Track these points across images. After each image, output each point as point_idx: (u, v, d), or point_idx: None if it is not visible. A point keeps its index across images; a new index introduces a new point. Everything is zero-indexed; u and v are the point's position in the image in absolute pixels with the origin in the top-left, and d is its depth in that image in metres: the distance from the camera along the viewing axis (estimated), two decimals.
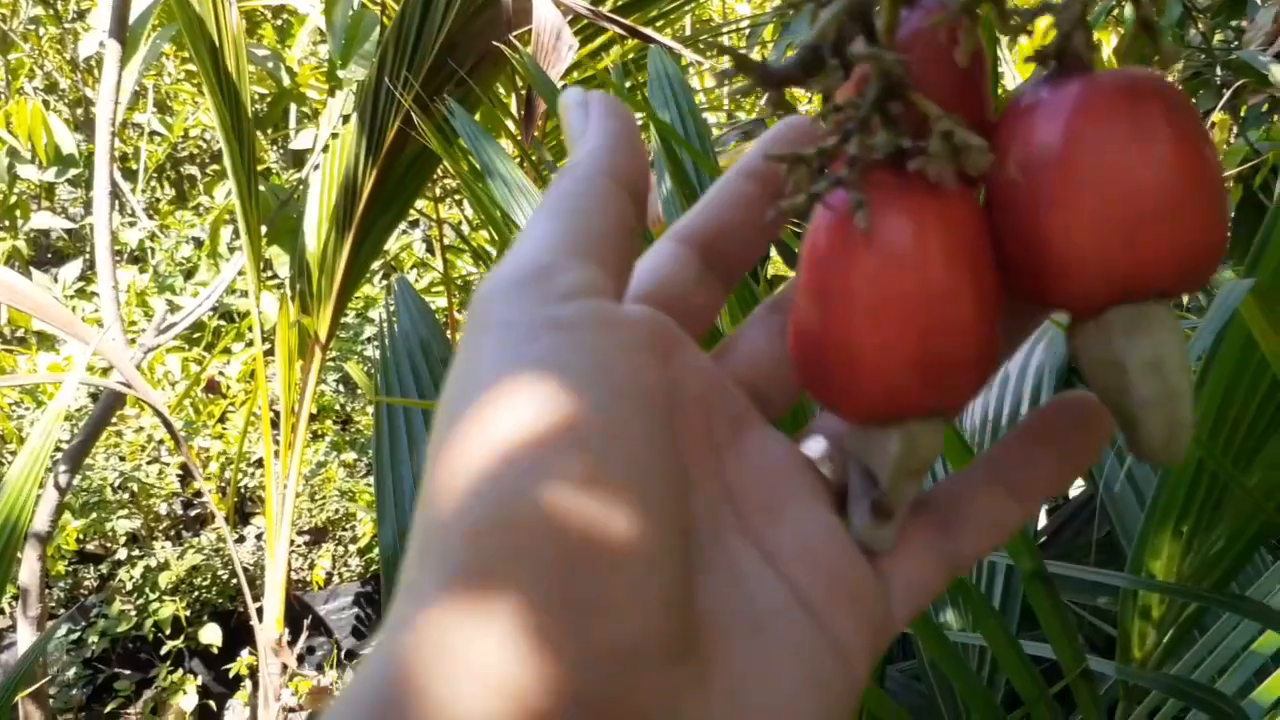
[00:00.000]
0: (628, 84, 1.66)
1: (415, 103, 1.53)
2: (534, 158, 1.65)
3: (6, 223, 3.63)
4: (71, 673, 2.03)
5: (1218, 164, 0.20)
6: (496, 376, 0.19)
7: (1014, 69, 2.12)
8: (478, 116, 1.72)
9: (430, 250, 3.15)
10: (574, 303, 0.20)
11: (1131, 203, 0.19)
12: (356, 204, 1.66)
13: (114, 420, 2.40)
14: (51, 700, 1.93)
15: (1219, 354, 0.43)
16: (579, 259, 0.21)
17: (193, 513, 2.54)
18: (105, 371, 1.78)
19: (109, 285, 1.81)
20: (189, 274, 3.38)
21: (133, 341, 1.86)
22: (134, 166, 4.07)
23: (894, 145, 0.20)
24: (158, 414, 1.79)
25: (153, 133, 4.12)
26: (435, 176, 1.84)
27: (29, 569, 1.75)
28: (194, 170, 4.40)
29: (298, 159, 3.50)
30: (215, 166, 4.27)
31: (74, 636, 2.06)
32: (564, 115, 0.25)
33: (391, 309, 0.75)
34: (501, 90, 1.82)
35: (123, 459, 2.37)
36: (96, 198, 1.82)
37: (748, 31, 2.43)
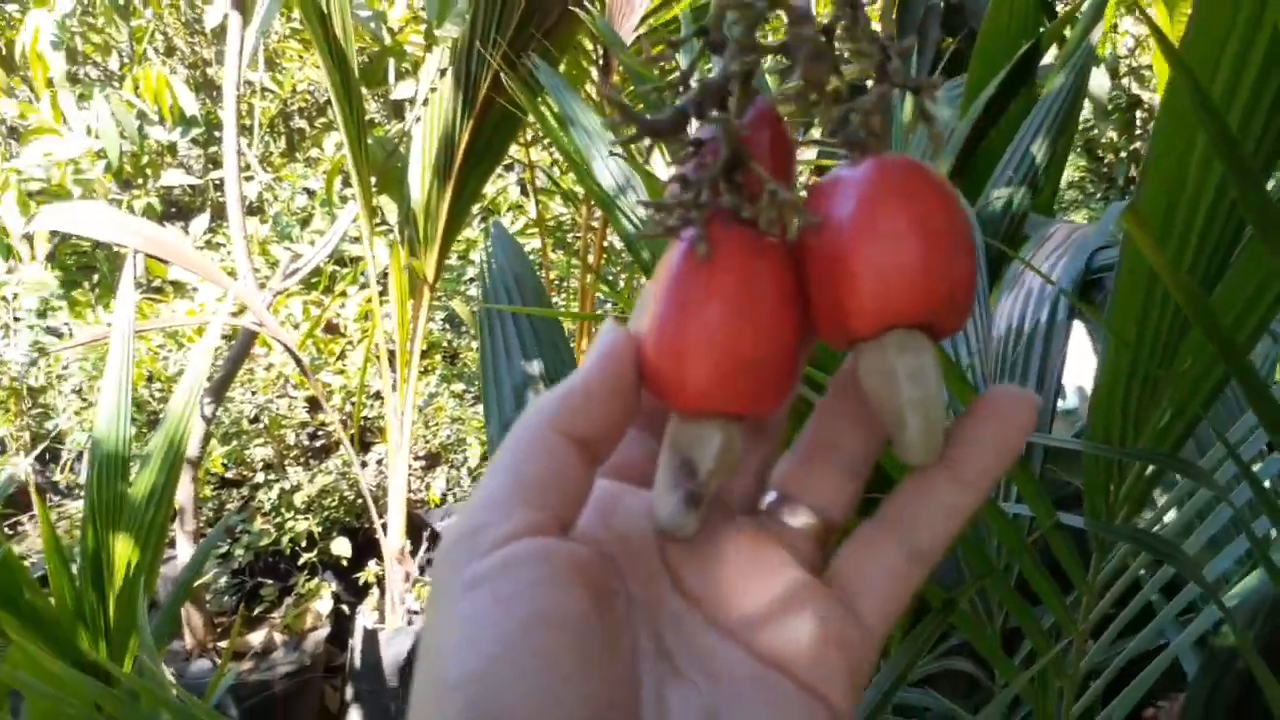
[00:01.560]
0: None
1: (504, 59, 1.66)
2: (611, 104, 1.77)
3: (140, 180, 3.90)
4: (223, 582, 2.29)
5: (967, 228, 0.27)
6: (433, 639, 0.24)
7: None
8: (562, 68, 1.84)
9: (525, 193, 3.30)
10: (495, 554, 0.24)
11: (894, 261, 0.26)
12: (455, 155, 1.81)
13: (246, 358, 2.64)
14: (208, 604, 2.18)
15: (1127, 266, 0.54)
16: (514, 508, 0.25)
17: (318, 443, 2.78)
18: (238, 314, 1.98)
19: (240, 235, 2.01)
20: (304, 223, 3.61)
21: (262, 286, 2.06)
22: (247, 122, 4.32)
23: (733, 201, 0.27)
24: (288, 350, 1.99)
25: (264, 89, 4.34)
26: (528, 122, 1.98)
27: (184, 491, 1.99)
28: (303, 123, 4.64)
29: (397, 109, 3.67)
30: (323, 119, 4.49)
31: (222, 551, 2.31)
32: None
33: (489, 250, 0.89)
34: (588, 43, 1.93)
35: (254, 394, 2.61)
36: (226, 154, 2.01)
37: None
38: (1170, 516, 0.76)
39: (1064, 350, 0.90)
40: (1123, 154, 3.20)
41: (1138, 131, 3.16)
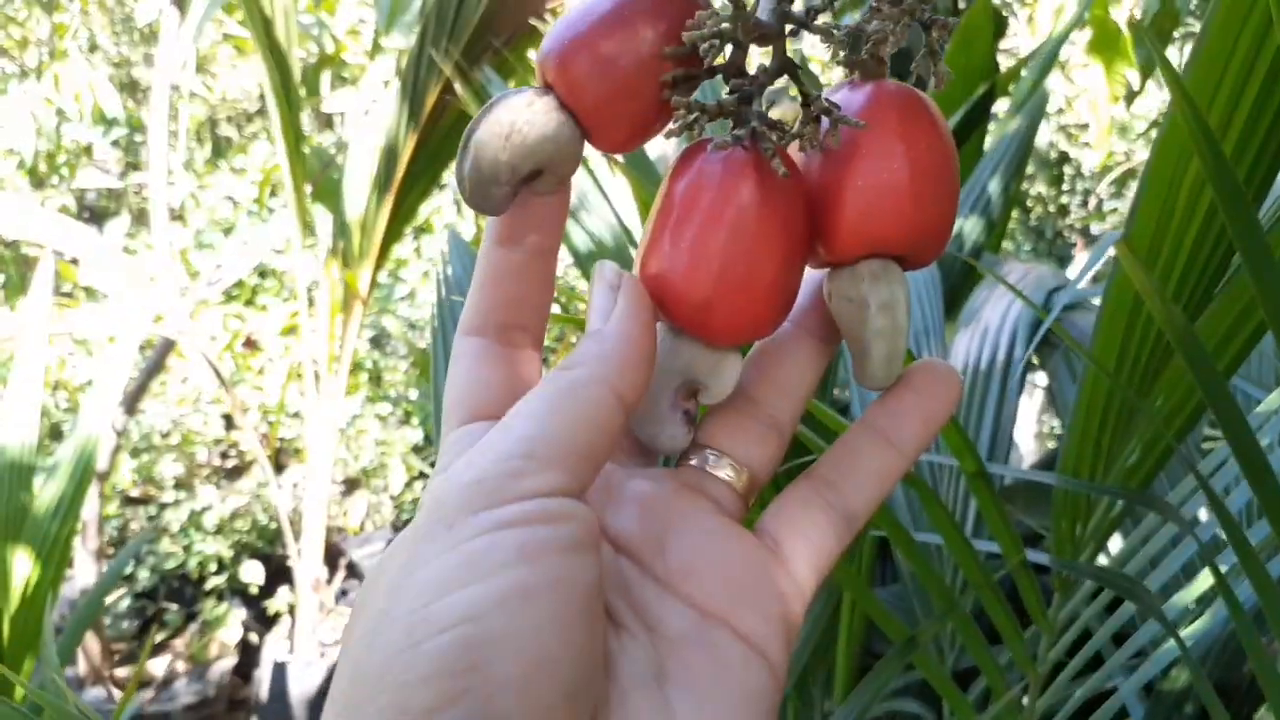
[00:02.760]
0: None
1: (454, 71, 1.63)
2: None
3: (55, 180, 3.75)
4: (124, 605, 2.18)
5: (954, 163, 0.27)
6: (407, 577, 0.22)
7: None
8: (512, 84, 1.81)
9: (460, 212, 3.26)
10: (525, 504, 0.22)
11: (882, 184, 0.26)
12: (396, 168, 1.76)
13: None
14: (106, 629, 2.07)
15: (1114, 296, 0.53)
16: (553, 463, 0.23)
17: (230, 462, 2.67)
18: (156, 322, 1.90)
19: (164, 240, 1.93)
20: (227, 232, 3.50)
21: (182, 294, 1.98)
22: (173, 127, 4.19)
23: (761, 120, 0.26)
24: (208, 362, 1.91)
25: (192, 94, 4.22)
26: None
27: (88, 506, 1.89)
28: (231, 131, 4.52)
29: (327, 121, 3.61)
30: (250, 128, 4.39)
31: (125, 572, 2.19)
32: (593, 285, 0.27)
33: (444, 259, 0.86)
34: (532, 56, 1.91)
35: (166, 407, 2.50)
36: (152, 157, 1.93)
37: None
38: (1119, 549, 0.76)
39: (1019, 389, 0.89)
40: (1050, 207, 3.30)
41: (1064, 187, 3.25)
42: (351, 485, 2.57)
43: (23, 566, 1.34)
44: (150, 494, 2.43)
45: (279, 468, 2.60)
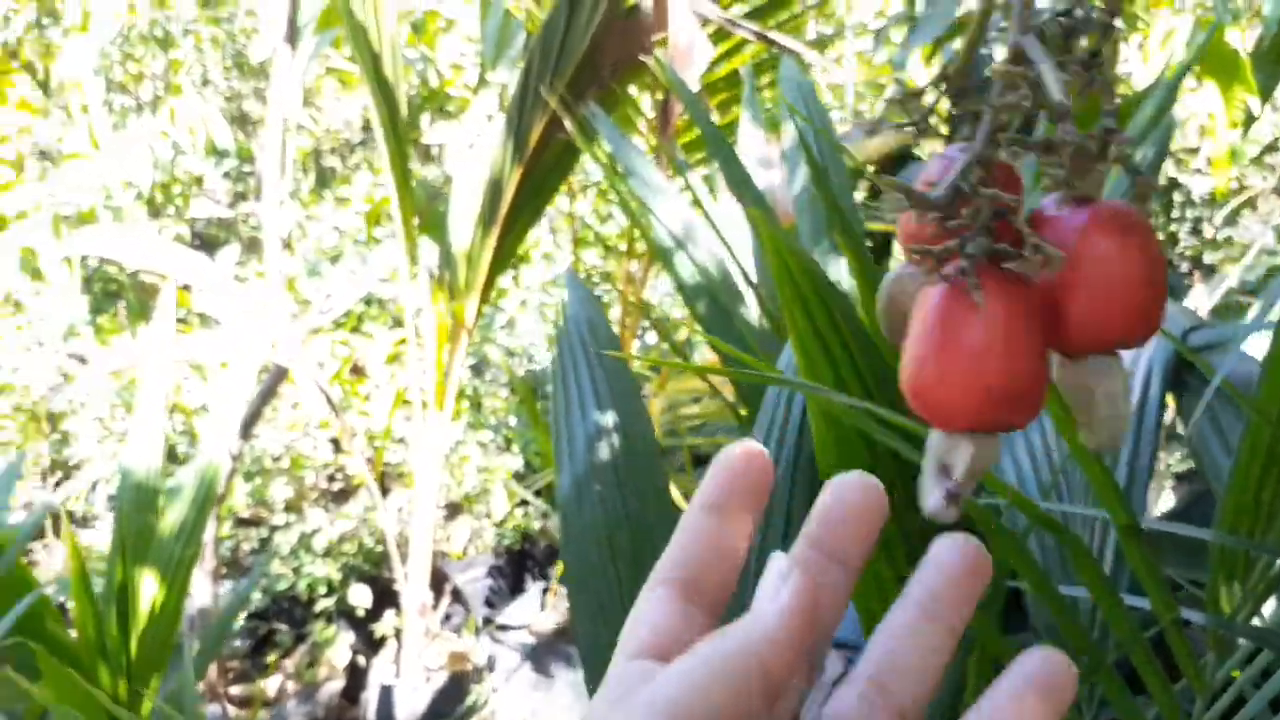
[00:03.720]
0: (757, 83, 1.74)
1: (560, 105, 1.65)
2: (667, 156, 1.76)
3: (170, 210, 3.91)
4: (237, 625, 2.24)
5: (1163, 270, 0.32)
6: None
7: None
8: (612, 119, 1.83)
9: (555, 243, 3.30)
10: None
11: (1108, 294, 0.31)
12: (501, 201, 1.79)
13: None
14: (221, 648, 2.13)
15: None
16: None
17: (336, 485, 2.74)
18: (271, 349, 1.96)
19: (276, 268, 1.99)
20: (333, 260, 3.60)
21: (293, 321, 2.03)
22: (281, 158, 4.34)
23: (993, 250, 0.31)
24: (319, 389, 1.96)
25: (299, 126, 4.36)
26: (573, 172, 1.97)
27: (207, 527, 1.95)
28: (335, 162, 4.66)
29: (426, 153, 3.69)
30: (353, 158, 4.51)
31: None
32: (766, 577, 0.29)
33: (561, 296, 0.87)
34: (632, 89, 1.93)
35: (278, 432, 2.58)
36: (265, 187, 2.00)
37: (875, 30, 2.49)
38: (1271, 610, 0.72)
39: (1157, 431, 0.86)
40: (1160, 235, 3.19)
41: (1173, 214, 3.14)
42: (454, 510, 2.61)
43: (149, 587, 1.39)
44: (261, 516, 2.50)
45: (384, 492, 2.66)
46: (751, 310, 1.15)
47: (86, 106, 3.91)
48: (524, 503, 2.58)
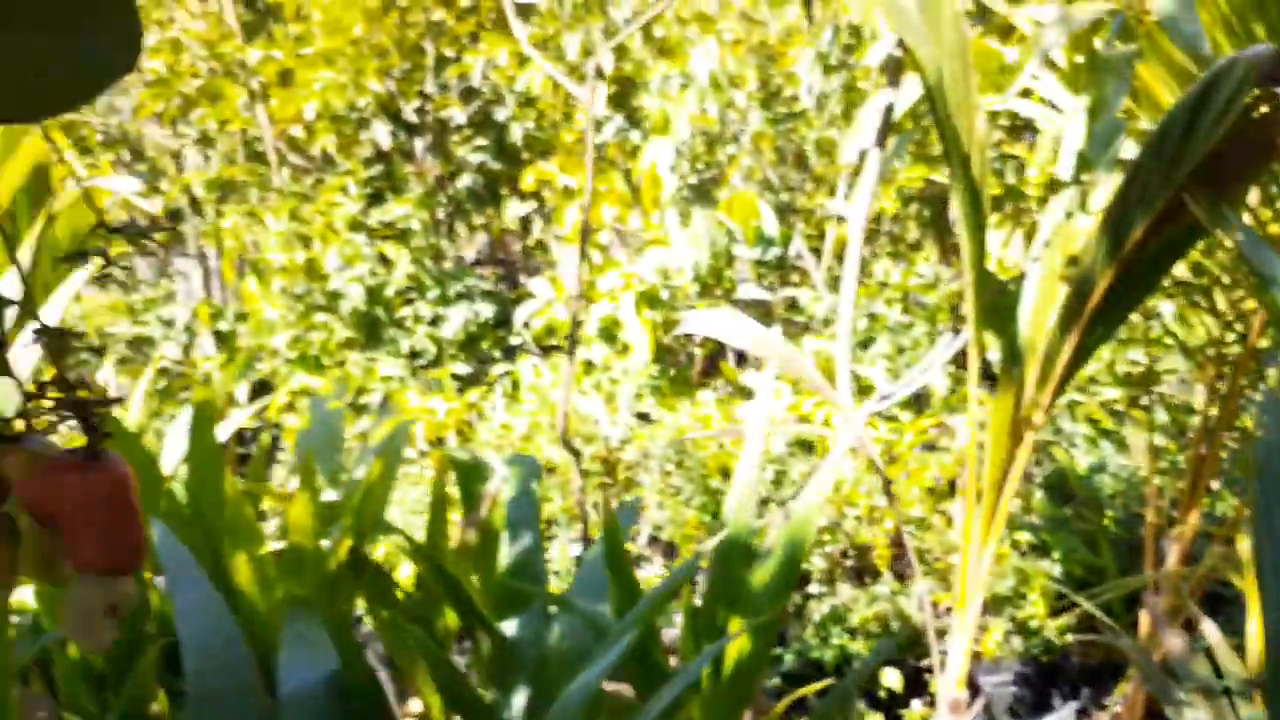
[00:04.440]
0: None
1: (1166, 206, 1.59)
2: None
3: (717, 291, 4.31)
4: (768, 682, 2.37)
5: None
6: None
7: None
8: (1247, 217, 1.72)
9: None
10: None
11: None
12: (1088, 298, 1.75)
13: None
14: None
15: None
16: None
17: (848, 562, 2.80)
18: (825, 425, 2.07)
19: (845, 351, 2.12)
20: (863, 345, 3.73)
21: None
22: (817, 246, 4.62)
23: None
24: (876, 468, 2.03)
25: (839, 218, 4.60)
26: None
27: None
28: (865, 251, 4.84)
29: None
30: (889, 248, 4.65)
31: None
32: None
33: (1260, 420, 0.83)
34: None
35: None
36: (845, 272, 2.14)
37: None
38: None
39: None
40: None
41: None
42: (986, 608, 2.55)
43: (737, 641, 1.52)
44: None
45: (899, 577, 2.67)
46: None
47: (656, 200, 4.45)
48: (1062, 611, 2.45)
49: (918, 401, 3.21)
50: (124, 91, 5.46)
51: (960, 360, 3.06)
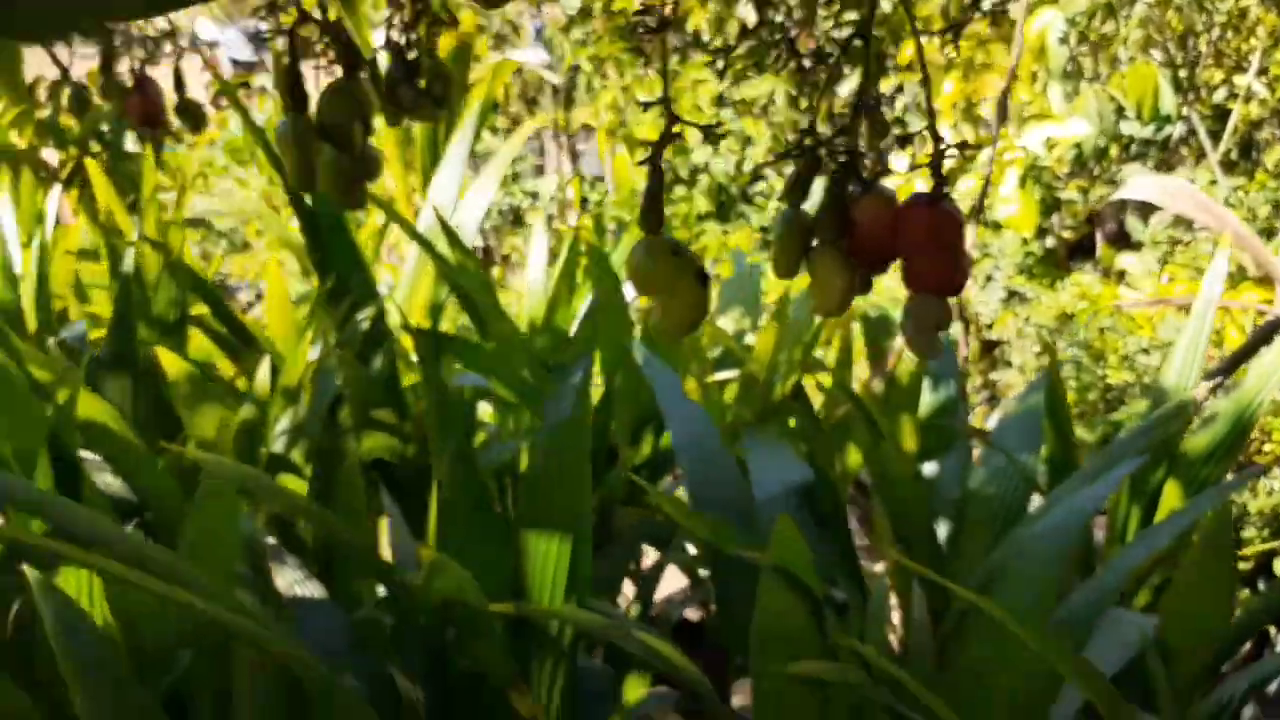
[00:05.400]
0: None
1: None
2: None
3: (1099, 173, 4.04)
4: None
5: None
6: None
7: None
8: None
9: None
10: None
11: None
12: None
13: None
14: None
15: None
16: None
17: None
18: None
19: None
20: (1266, 234, 3.38)
21: None
22: (1215, 128, 4.18)
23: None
24: None
25: (1233, 95, 4.14)
26: None
27: None
28: (1265, 134, 4.33)
29: None
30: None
31: None
32: None
33: None
34: None
35: None
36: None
37: None
38: None
39: None
40: None
41: None
42: None
43: None
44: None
45: None
46: None
47: (1049, 71, 4.22)
48: None
49: None
50: None
51: None
